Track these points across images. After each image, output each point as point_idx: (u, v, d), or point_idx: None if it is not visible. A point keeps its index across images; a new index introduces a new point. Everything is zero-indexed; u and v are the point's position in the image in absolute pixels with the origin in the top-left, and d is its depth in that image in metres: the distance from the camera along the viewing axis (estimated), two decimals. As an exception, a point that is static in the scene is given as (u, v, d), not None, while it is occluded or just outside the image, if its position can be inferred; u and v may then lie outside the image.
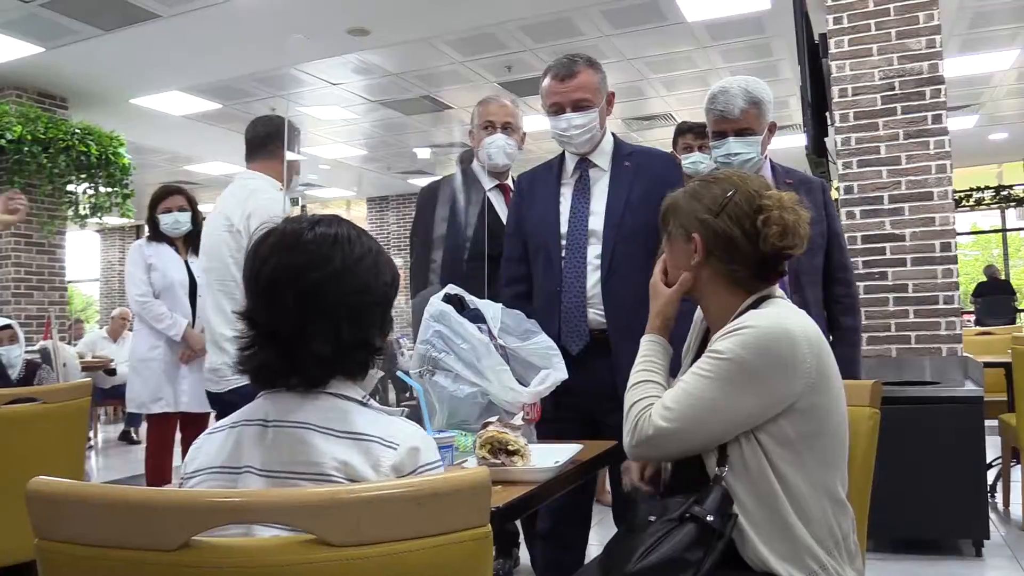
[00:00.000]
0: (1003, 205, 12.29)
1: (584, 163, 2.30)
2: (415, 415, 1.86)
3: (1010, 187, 12.08)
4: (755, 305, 1.44)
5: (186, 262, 3.68)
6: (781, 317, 1.40)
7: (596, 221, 2.22)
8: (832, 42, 3.96)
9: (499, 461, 1.46)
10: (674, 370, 1.57)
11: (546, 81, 2.25)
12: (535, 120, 5.11)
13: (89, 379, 2.97)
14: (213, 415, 3.78)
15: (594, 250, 2.21)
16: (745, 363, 1.34)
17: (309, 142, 9.43)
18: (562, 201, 2.27)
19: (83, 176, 7.10)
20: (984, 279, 11.28)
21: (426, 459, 1.08)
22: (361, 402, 1.12)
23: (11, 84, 6.92)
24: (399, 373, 1.73)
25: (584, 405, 2.14)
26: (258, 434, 1.09)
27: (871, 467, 1.59)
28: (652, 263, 2.24)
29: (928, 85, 3.79)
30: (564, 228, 2.24)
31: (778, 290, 1.50)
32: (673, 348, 1.59)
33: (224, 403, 2.65)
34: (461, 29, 6.21)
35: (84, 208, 7.27)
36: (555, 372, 1.81)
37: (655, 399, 1.44)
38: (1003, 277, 11.89)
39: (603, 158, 2.29)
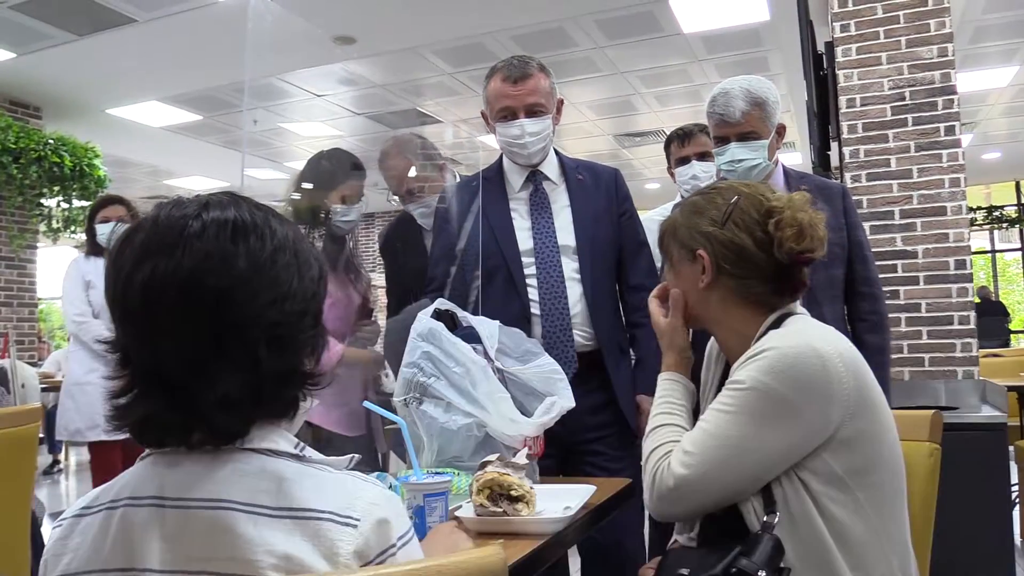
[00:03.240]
0: (994, 226, 12.21)
1: (536, 175, 2.10)
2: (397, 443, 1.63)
3: (1001, 208, 12.01)
4: (776, 325, 1.25)
5: None
6: (806, 334, 1.20)
7: (565, 236, 2.04)
8: (839, 50, 3.78)
9: (500, 509, 1.22)
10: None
11: (494, 83, 2.05)
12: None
13: (39, 404, 2.71)
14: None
15: (569, 267, 2.02)
16: (771, 391, 1.15)
17: (292, 156, 9.20)
18: (515, 217, 2.07)
19: (56, 188, 6.81)
20: (977, 300, 11.18)
21: (399, 531, 0.80)
22: (295, 455, 0.82)
23: (-18, 92, 6.67)
24: (366, 404, 1.48)
25: (562, 437, 1.92)
26: (151, 519, 0.77)
27: (932, 512, 1.38)
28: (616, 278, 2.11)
29: (940, 95, 3.62)
30: (526, 245, 2.03)
31: (799, 307, 1.31)
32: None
33: None
34: (449, 38, 6.03)
35: (56, 222, 6.99)
36: (561, 399, 1.58)
37: (674, 444, 1.24)
38: (994, 299, 11.82)
39: (553, 170, 2.12)
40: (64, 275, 3.45)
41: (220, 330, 0.77)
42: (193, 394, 0.77)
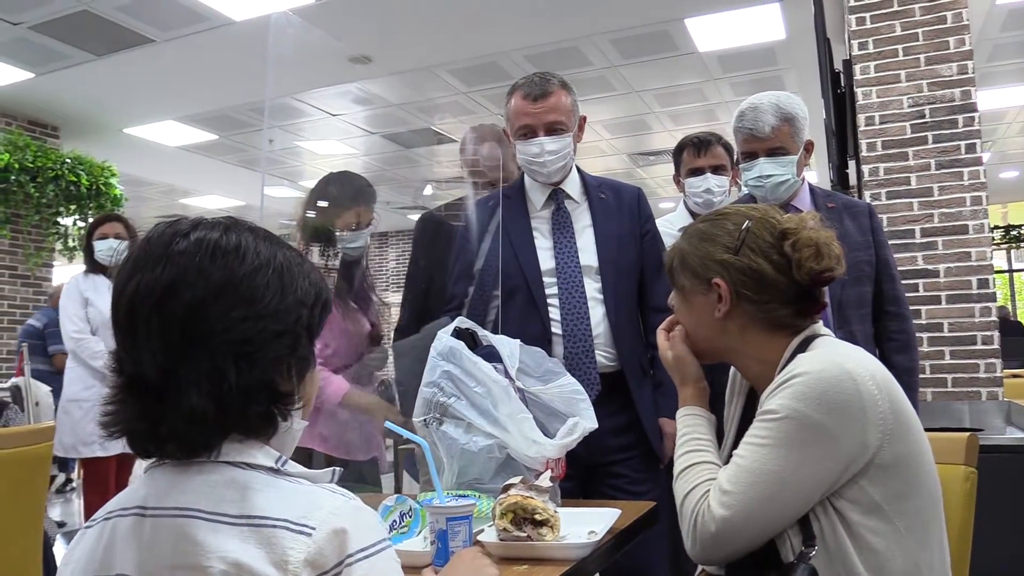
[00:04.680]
0: (1012, 245, 12.11)
1: (559, 194, 2.08)
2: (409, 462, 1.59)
3: (1018, 227, 11.92)
4: (802, 349, 1.21)
5: None
6: (836, 356, 1.16)
7: (588, 256, 2.01)
8: (857, 68, 3.76)
9: (524, 534, 1.19)
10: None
11: (514, 101, 2.04)
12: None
13: (52, 423, 2.70)
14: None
15: (591, 287, 1.99)
16: (806, 418, 1.10)
17: (308, 175, 9.23)
18: (537, 236, 2.04)
19: (72, 207, 6.86)
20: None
21: (357, 545, 0.78)
22: (272, 468, 0.83)
23: (0, 111, 6.72)
24: (388, 425, 1.44)
25: (584, 458, 1.87)
26: (133, 528, 0.81)
27: (969, 539, 1.34)
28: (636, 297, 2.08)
29: (961, 113, 3.58)
30: (547, 265, 2.00)
31: (823, 327, 1.27)
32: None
33: None
34: (464, 58, 6.04)
35: (72, 240, 7.03)
36: (583, 420, 1.54)
37: (710, 484, 1.18)
38: (1012, 319, 11.70)
39: (575, 188, 2.09)
40: (63, 293, 3.53)
41: (188, 340, 0.80)
42: (164, 403, 0.80)
